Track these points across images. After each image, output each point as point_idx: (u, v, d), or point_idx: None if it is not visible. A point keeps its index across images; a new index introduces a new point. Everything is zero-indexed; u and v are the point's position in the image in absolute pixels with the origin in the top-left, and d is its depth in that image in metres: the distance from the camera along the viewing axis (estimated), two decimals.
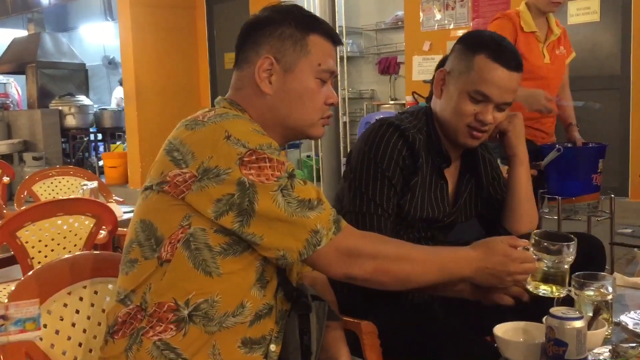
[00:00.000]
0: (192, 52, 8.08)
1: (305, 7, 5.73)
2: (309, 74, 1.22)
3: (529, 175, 1.68)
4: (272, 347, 1.19)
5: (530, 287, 1.29)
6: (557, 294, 1.28)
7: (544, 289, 1.28)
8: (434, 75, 1.67)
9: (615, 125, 5.40)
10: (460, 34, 1.67)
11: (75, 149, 9.35)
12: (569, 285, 1.29)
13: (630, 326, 1.27)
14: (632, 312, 1.34)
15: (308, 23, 1.24)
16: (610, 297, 1.26)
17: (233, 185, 1.07)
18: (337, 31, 5.20)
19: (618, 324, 1.30)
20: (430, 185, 1.61)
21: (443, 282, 1.26)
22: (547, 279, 1.27)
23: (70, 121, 9.07)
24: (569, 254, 1.25)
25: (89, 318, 1.25)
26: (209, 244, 1.10)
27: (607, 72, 5.43)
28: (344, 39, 5.73)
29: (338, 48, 1.31)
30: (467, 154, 1.68)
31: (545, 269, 1.27)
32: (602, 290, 1.27)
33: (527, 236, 1.63)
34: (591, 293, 1.26)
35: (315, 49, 1.23)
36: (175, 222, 1.11)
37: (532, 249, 1.25)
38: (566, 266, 1.27)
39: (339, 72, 5.14)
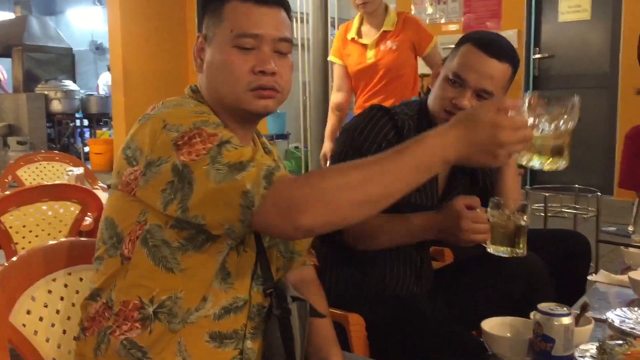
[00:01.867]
0: (180, 38, 8.00)
1: None
2: (224, 44, 1.14)
3: (516, 172, 1.68)
4: (248, 343, 1.15)
5: (523, 160, 1.11)
6: (555, 165, 1.11)
7: (539, 160, 1.10)
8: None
9: (602, 123, 5.44)
10: (452, 29, 1.70)
11: (61, 135, 9.25)
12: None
13: (617, 323, 1.28)
14: (618, 309, 1.35)
15: None
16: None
17: (169, 172, 1.02)
18: (329, 22, 5.18)
19: (603, 320, 1.31)
20: None
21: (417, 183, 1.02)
22: (543, 148, 1.09)
23: (56, 106, 8.98)
24: (572, 113, 1.07)
25: (73, 305, 1.22)
26: (166, 240, 1.07)
27: (597, 70, 5.46)
28: (336, 30, 5.70)
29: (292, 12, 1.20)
30: None
31: (542, 134, 1.07)
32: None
33: None
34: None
35: (230, 16, 1.14)
36: (133, 218, 1.09)
37: (525, 111, 1.06)
38: (569, 127, 1.09)
39: (329, 66, 5.13)
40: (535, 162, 1.10)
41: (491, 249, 1.37)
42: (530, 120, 1.06)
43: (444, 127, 1.02)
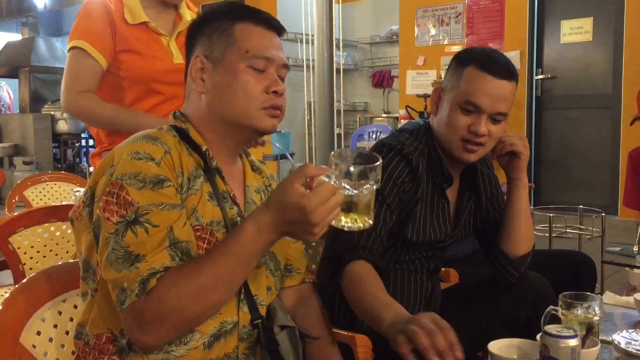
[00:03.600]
0: None
1: (303, 20, 5.76)
2: (237, 63, 1.15)
3: (528, 198, 1.66)
4: None
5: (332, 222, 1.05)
6: (359, 225, 1.05)
7: (347, 221, 1.05)
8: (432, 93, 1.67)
9: (606, 144, 5.45)
10: (455, 50, 1.68)
11: (67, 154, 9.30)
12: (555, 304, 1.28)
13: (623, 345, 1.27)
14: (624, 331, 1.35)
15: (235, 12, 1.19)
16: (597, 317, 1.27)
17: (93, 215, 1.08)
18: (334, 44, 5.24)
19: (608, 342, 1.31)
20: (432, 207, 1.59)
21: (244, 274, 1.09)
22: (350, 208, 1.03)
23: (62, 126, 9.03)
24: (374, 177, 1.02)
25: None
26: None
27: (599, 90, 5.49)
28: (340, 52, 5.75)
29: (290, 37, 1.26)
30: (466, 170, 1.66)
31: (347, 197, 1.02)
32: (589, 310, 1.27)
33: (524, 258, 1.63)
34: (579, 313, 1.27)
35: (243, 37, 1.16)
36: (94, 249, 1.10)
37: (332, 175, 1.00)
38: (373, 189, 1.04)
39: (334, 86, 5.19)
40: (341, 222, 1.05)
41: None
42: (335, 181, 1.01)
43: (259, 212, 1.04)
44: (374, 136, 6.83)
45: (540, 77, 5.77)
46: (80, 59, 1.94)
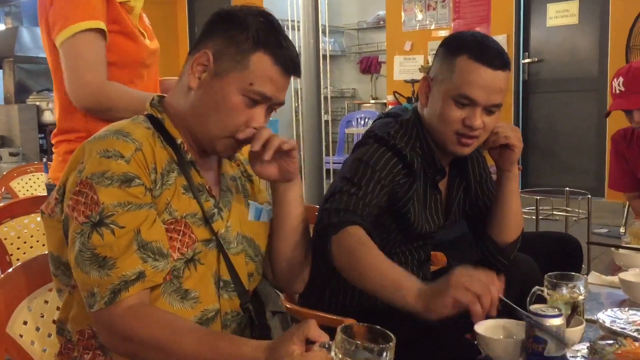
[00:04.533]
0: (172, 48, 8.01)
1: (289, 5, 5.71)
2: (235, 88, 1.11)
3: (518, 189, 1.64)
4: None
5: None
6: None
7: None
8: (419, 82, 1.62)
9: (592, 126, 5.49)
10: (442, 35, 1.63)
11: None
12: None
13: (607, 324, 1.29)
14: (609, 310, 1.37)
15: (263, 40, 1.12)
16: (582, 297, 1.28)
17: (64, 211, 1.07)
18: (320, 30, 5.21)
19: (593, 321, 1.32)
20: (425, 200, 1.57)
21: None
22: None
23: (48, 117, 8.93)
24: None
25: None
26: None
27: (585, 74, 5.51)
28: (327, 38, 5.73)
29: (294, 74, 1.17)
30: (456, 157, 1.61)
31: None
32: (574, 290, 1.29)
33: (513, 245, 1.63)
34: (564, 293, 1.28)
35: (256, 68, 1.11)
36: (64, 244, 1.09)
37: (334, 347, 0.89)
38: None
39: (320, 73, 5.16)
40: None
41: None
42: (336, 356, 0.89)
43: (256, 348, 0.96)
44: (362, 122, 6.83)
45: (527, 60, 5.78)
46: (96, 42, 1.69)
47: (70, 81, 1.69)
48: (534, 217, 3.48)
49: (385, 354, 0.86)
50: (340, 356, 0.87)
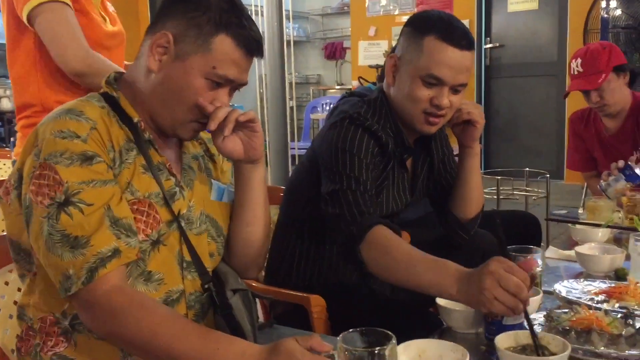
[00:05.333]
0: (133, 37, 7.86)
1: None
2: (197, 71, 1.09)
3: (479, 166, 1.68)
4: None
5: None
6: None
7: None
8: (385, 61, 1.63)
9: (551, 110, 5.61)
10: (406, 20, 1.62)
11: (11, 133, 9.00)
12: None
13: (564, 294, 1.34)
14: (565, 281, 1.42)
15: (225, 21, 1.10)
16: (539, 269, 1.32)
17: (23, 199, 1.04)
18: (284, 15, 5.18)
19: (550, 292, 1.37)
20: (393, 179, 1.59)
21: None
22: None
23: (6, 104, 8.67)
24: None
25: None
26: None
27: (545, 58, 5.62)
28: (291, 23, 5.70)
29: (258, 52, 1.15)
30: (420, 135, 1.62)
31: None
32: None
33: (475, 220, 1.67)
34: None
35: (219, 51, 1.09)
36: (23, 230, 1.06)
37: (337, 357, 0.90)
38: None
39: (285, 59, 5.15)
40: None
41: None
42: None
43: (253, 345, 0.98)
44: (327, 108, 6.84)
45: (489, 46, 5.86)
46: (71, 13, 1.77)
47: (61, 48, 1.76)
48: (495, 197, 3.56)
49: (386, 354, 0.87)
50: None
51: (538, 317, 1.20)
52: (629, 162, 2.04)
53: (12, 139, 8.96)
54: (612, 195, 2.00)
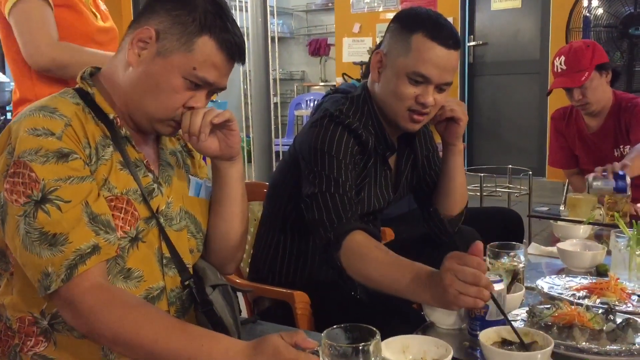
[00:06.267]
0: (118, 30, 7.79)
1: None
2: (177, 70, 1.08)
3: (463, 163, 1.69)
4: None
5: None
6: None
7: None
8: (370, 57, 1.63)
9: (534, 108, 5.65)
10: (390, 17, 1.59)
11: None
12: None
13: (546, 290, 1.35)
14: (547, 277, 1.43)
15: (210, 23, 1.09)
16: (521, 265, 1.33)
17: None
18: (268, 11, 5.16)
19: (533, 288, 1.38)
20: (375, 177, 1.59)
21: None
22: None
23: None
24: (369, 357, 0.87)
25: None
26: None
27: (528, 56, 5.66)
28: (275, 20, 5.68)
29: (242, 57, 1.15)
30: (404, 132, 1.62)
31: None
32: (514, 259, 1.34)
33: (458, 217, 1.68)
34: (505, 261, 1.33)
35: (201, 52, 1.08)
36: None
37: (321, 353, 0.90)
38: None
39: (269, 55, 5.13)
40: None
41: None
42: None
43: (236, 342, 0.98)
44: (311, 104, 6.83)
45: (472, 43, 5.89)
46: (43, 7, 1.77)
47: (24, 44, 1.77)
48: (478, 194, 3.58)
49: (370, 350, 0.87)
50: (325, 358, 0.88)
51: (520, 313, 1.21)
52: (625, 172, 1.98)
53: None
54: (594, 192, 2.01)
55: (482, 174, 3.61)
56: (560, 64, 2.43)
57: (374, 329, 0.90)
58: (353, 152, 1.49)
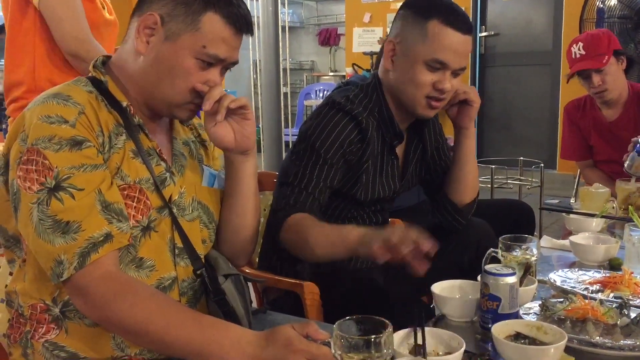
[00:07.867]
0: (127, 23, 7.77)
1: None
2: (188, 51, 1.08)
3: (475, 148, 1.68)
4: None
5: None
6: None
7: None
8: (381, 47, 1.62)
9: (545, 100, 5.60)
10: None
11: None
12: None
13: (558, 283, 1.34)
14: (560, 270, 1.42)
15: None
16: (534, 258, 1.32)
17: (10, 186, 1.02)
18: (279, 1, 5.14)
19: (545, 282, 1.37)
20: (381, 165, 1.58)
21: None
22: None
23: None
24: (381, 349, 0.87)
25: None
26: None
27: (540, 47, 5.61)
28: (286, 9, 5.65)
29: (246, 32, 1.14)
30: (413, 121, 1.64)
31: None
32: (527, 252, 1.32)
33: (470, 205, 1.67)
34: (517, 254, 1.32)
35: (207, 29, 1.08)
36: (11, 216, 1.05)
37: (332, 344, 0.89)
38: None
39: (279, 45, 5.11)
40: None
41: None
42: (338, 353, 0.89)
43: (246, 331, 0.98)
44: (320, 95, 6.82)
45: (484, 34, 5.84)
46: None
47: (62, 28, 1.83)
48: (489, 186, 3.56)
49: (382, 342, 0.87)
50: (339, 352, 0.87)
51: (533, 306, 1.20)
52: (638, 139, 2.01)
53: (3, 126, 8.89)
54: (635, 171, 1.99)
55: (493, 166, 3.58)
56: (579, 49, 2.41)
57: (386, 321, 0.90)
58: (346, 142, 1.48)
